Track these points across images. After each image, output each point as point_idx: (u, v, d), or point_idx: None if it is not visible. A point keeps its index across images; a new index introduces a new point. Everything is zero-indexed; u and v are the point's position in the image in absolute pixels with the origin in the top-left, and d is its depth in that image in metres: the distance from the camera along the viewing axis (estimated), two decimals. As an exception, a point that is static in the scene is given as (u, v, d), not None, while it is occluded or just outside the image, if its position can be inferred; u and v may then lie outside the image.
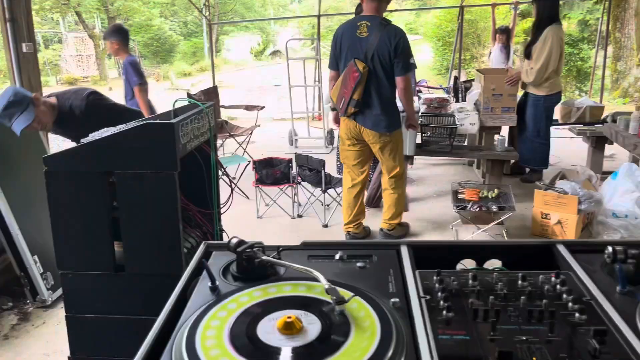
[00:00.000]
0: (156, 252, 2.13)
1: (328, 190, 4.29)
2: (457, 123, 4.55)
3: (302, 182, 4.42)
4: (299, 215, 4.48)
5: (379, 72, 3.39)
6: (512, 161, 4.94)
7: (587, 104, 5.32)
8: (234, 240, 1.07)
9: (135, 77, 4.30)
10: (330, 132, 6.88)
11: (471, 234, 3.81)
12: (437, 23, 14.18)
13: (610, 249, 1.06)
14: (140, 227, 2.12)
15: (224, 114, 7.44)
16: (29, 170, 3.13)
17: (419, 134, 4.44)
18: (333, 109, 3.85)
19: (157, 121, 2.17)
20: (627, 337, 0.87)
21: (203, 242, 1.19)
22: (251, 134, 5.70)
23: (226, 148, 5.95)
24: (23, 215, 2.97)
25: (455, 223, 3.95)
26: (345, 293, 0.94)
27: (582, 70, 11.99)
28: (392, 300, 0.96)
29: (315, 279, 0.98)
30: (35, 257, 2.98)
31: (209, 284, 1.02)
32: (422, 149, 4.44)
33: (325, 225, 4.27)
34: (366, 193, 4.32)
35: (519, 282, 1.03)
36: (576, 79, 12.14)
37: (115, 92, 16.08)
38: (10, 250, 2.95)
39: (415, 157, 4.54)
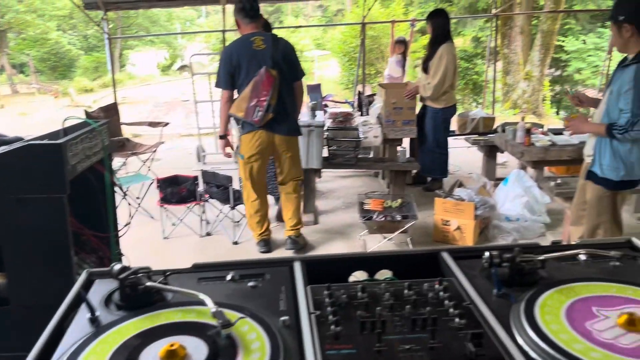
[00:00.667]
0: (45, 281, 1.99)
1: (237, 207, 4.23)
2: (361, 136, 4.68)
3: (210, 200, 4.33)
4: (208, 234, 4.38)
5: (286, 77, 3.61)
6: (415, 171, 5.15)
7: (480, 115, 5.68)
8: (117, 267, 1.02)
9: None
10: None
11: (378, 243, 3.91)
12: (342, 39, 14.58)
13: (487, 254, 1.13)
14: (25, 256, 1.97)
15: (127, 132, 7.14)
16: None
17: (325, 148, 4.53)
18: (222, 137, 3.83)
19: (43, 142, 2.04)
20: (502, 338, 0.93)
21: (85, 270, 1.12)
22: (155, 151, 5.50)
23: (129, 167, 5.70)
24: None
25: (363, 234, 4.04)
26: (233, 315, 0.93)
27: (477, 84, 12.82)
28: (282, 318, 0.96)
29: (203, 303, 0.96)
30: None
31: (89, 315, 0.96)
32: (329, 162, 4.52)
33: (235, 243, 4.21)
34: (272, 209, 4.35)
35: (405, 291, 1.07)
36: (472, 92, 12.95)
37: (8, 110, 14.93)
38: None
39: (322, 170, 4.62)
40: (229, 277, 1.11)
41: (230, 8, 7.19)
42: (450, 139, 5.22)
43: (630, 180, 2.84)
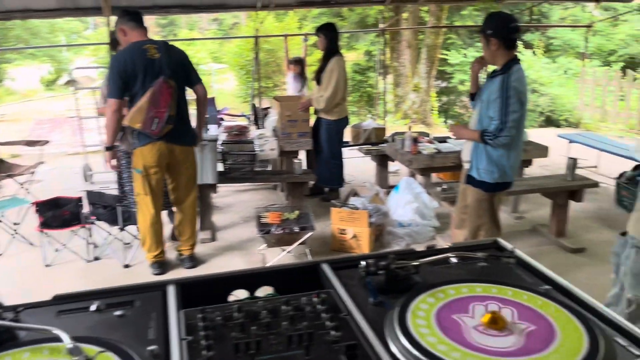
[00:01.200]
0: None
1: (127, 228, 4.01)
2: (257, 149, 4.65)
3: (97, 222, 4.06)
4: (96, 258, 4.10)
5: (181, 87, 3.55)
6: (312, 182, 5.21)
7: (372, 126, 5.88)
8: (-44, 307, 0.90)
9: None
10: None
11: (277, 256, 3.89)
12: (238, 52, 14.49)
13: (362, 263, 1.15)
14: None
15: (4, 152, 6.55)
16: None
17: (220, 163, 4.44)
18: (109, 148, 3.59)
19: None
20: (375, 348, 0.93)
21: None
22: (33, 172, 5.09)
23: (5, 190, 5.22)
24: None
25: (261, 248, 4.00)
26: (92, 350, 0.85)
27: (371, 96, 13.30)
28: (150, 348, 0.89)
29: (59, 339, 0.87)
30: None
31: None
32: (225, 177, 4.44)
33: (127, 266, 3.98)
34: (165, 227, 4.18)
35: (283, 307, 1.05)
36: (366, 104, 13.40)
37: None
38: None
39: (219, 185, 4.52)
40: (93, 308, 1.03)
41: (115, 19, 6.87)
42: (344, 150, 5.34)
43: (504, 182, 3.08)
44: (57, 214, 3.91)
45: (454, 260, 1.23)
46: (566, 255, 4.11)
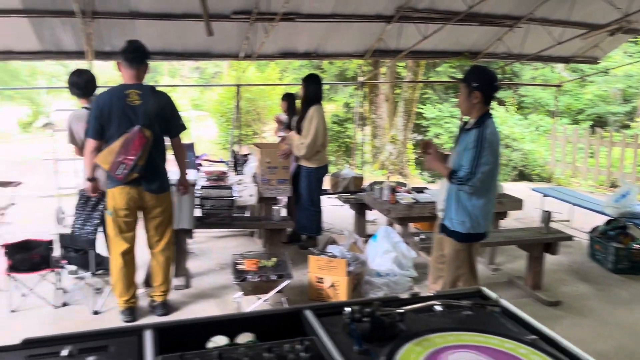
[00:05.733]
0: None
1: (99, 272, 3.89)
2: (236, 195, 4.63)
3: (68, 266, 3.94)
4: (64, 304, 3.95)
5: (157, 136, 3.49)
6: (290, 229, 5.17)
7: (351, 175, 5.93)
8: None
9: None
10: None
11: (253, 305, 3.80)
12: (219, 100, 14.64)
13: (347, 309, 1.13)
14: None
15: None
16: None
17: (198, 208, 4.40)
18: (91, 179, 3.62)
19: None
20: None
21: None
22: (3, 214, 4.95)
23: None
24: None
25: (237, 296, 3.90)
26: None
27: (349, 146, 13.49)
28: (125, 396, 0.85)
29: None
30: None
31: None
32: (202, 222, 4.38)
33: (96, 312, 3.84)
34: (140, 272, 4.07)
35: (265, 354, 1.01)
36: (345, 154, 13.56)
37: None
38: None
39: (195, 230, 4.45)
40: (65, 353, 0.98)
41: (98, 64, 6.92)
42: (323, 197, 5.35)
43: (477, 233, 3.10)
44: (26, 257, 3.79)
45: (438, 308, 1.22)
46: (543, 308, 4.12)
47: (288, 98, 6.27)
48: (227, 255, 5.07)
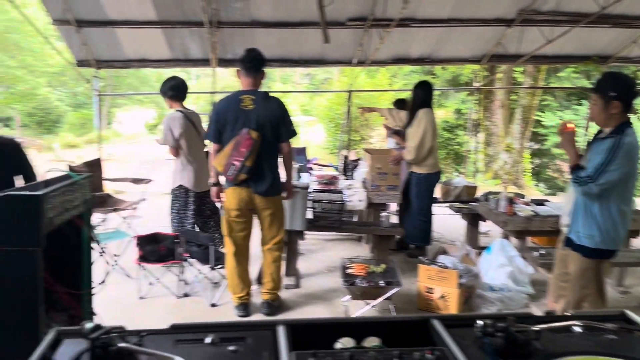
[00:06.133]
0: (10, 339, 1.87)
1: (217, 267, 4.12)
2: (346, 199, 4.68)
3: (190, 259, 4.22)
4: (185, 295, 4.23)
5: (268, 139, 3.59)
6: (398, 237, 5.12)
7: (463, 184, 5.75)
8: (88, 325, 0.95)
9: None
10: (220, 208, 6.77)
11: (360, 309, 3.81)
12: (328, 105, 14.93)
13: (480, 323, 1.09)
14: (-8, 312, 1.86)
15: (110, 188, 7.05)
16: None
17: (310, 210, 4.50)
18: (214, 185, 3.83)
19: (21, 193, 1.97)
20: (497, 413, 0.87)
21: (53, 329, 1.05)
22: (135, 208, 5.41)
23: (109, 223, 5.58)
24: None
25: (345, 299, 3.94)
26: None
27: (459, 154, 13.10)
28: (264, 387, 0.89)
29: (179, 367, 0.89)
30: None
31: (53, 379, 0.88)
32: (313, 224, 4.47)
33: (213, 305, 4.06)
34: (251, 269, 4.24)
35: (395, 360, 1.01)
36: (454, 161, 13.20)
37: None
38: None
39: (306, 232, 4.56)
40: (208, 340, 1.04)
41: (220, 71, 7.36)
42: (433, 206, 5.23)
43: (607, 250, 2.84)
44: (155, 249, 4.11)
45: (577, 329, 1.14)
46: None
47: (399, 104, 6.22)
48: (334, 258, 5.14)
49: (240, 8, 5.89)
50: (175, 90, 4.61)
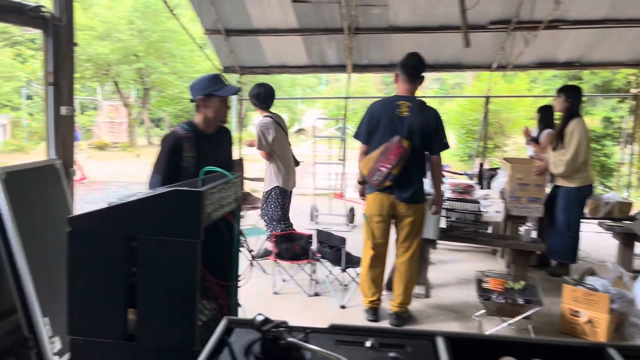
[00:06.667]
0: (170, 323, 2.04)
1: (347, 269, 4.18)
2: (482, 210, 4.48)
3: (322, 259, 4.32)
4: (316, 294, 4.34)
5: (417, 149, 3.53)
6: (539, 253, 4.79)
7: (615, 199, 5.22)
8: (259, 318, 1.01)
9: None
10: (352, 210, 6.86)
11: (495, 326, 3.62)
12: (460, 111, 14.45)
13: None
14: (156, 296, 2.05)
15: (248, 186, 7.50)
16: (50, 229, 3.12)
17: (443, 218, 4.38)
18: (361, 183, 3.85)
19: (186, 189, 2.15)
20: None
21: (225, 317, 1.12)
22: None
23: (247, 220, 5.92)
24: (39, 274, 2.93)
25: (479, 314, 3.77)
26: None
27: (606, 166, 11.95)
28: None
29: (345, 368, 0.91)
30: (46, 319, 2.90)
31: (230, 364, 0.95)
32: (446, 234, 4.35)
33: (343, 307, 4.12)
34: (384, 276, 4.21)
35: (569, 388, 0.93)
36: (600, 174, 12.06)
37: (142, 160, 16.43)
38: (22, 310, 2.88)
39: (438, 241, 4.45)
40: (368, 344, 1.05)
41: (354, 76, 7.48)
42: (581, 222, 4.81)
43: None
44: (290, 247, 4.28)
45: None
46: None
47: (543, 110, 5.82)
48: (466, 270, 4.96)
49: (379, 14, 5.93)
50: (256, 99, 4.82)
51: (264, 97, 4.82)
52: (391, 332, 1.10)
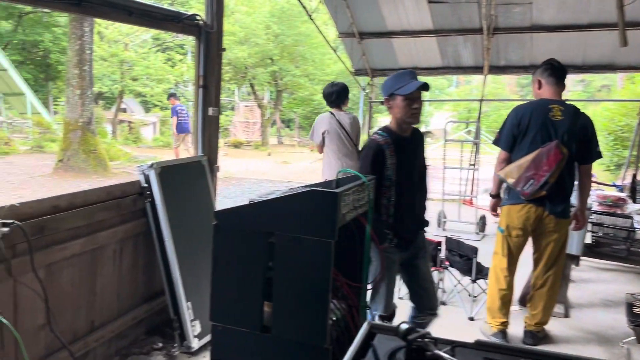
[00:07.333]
0: (303, 318, 2.10)
1: (478, 281, 4.00)
2: (637, 226, 4.03)
3: (450, 268, 4.18)
4: (443, 303, 4.21)
5: (571, 157, 3.22)
6: None
7: None
8: (404, 326, 0.98)
9: None
10: (483, 218, 6.56)
11: (648, 357, 3.25)
12: (608, 116, 13.17)
13: None
14: (291, 291, 2.12)
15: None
16: (195, 220, 3.38)
17: (588, 233, 4.02)
18: (493, 196, 3.61)
19: (322, 189, 2.20)
20: None
21: (367, 322, 1.12)
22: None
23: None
24: (184, 261, 3.18)
25: (627, 340, 3.40)
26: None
27: None
28: None
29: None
30: (189, 303, 3.14)
31: (375, 370, 0.94)
32: (593, 250, 3.98)
33: (471, 319, 3.95)
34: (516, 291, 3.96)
35: None
36: None
37: (272, 158, 17.24)
38: (169, 293, 3.15)
39: (581, 257, 4.09)
40: (519, 366, 0.98)
41: (490, 78, 7.15)
42: None
43: None
44: (417, 253, 4.19)
45: None
46: None
47: None
48: (612, 291, 4.52)
49: (521, 12, 5.61)
50: (325, 98, 4.73)
51: (336, 95, 4.67)
52: (540, 354, 1.02)
